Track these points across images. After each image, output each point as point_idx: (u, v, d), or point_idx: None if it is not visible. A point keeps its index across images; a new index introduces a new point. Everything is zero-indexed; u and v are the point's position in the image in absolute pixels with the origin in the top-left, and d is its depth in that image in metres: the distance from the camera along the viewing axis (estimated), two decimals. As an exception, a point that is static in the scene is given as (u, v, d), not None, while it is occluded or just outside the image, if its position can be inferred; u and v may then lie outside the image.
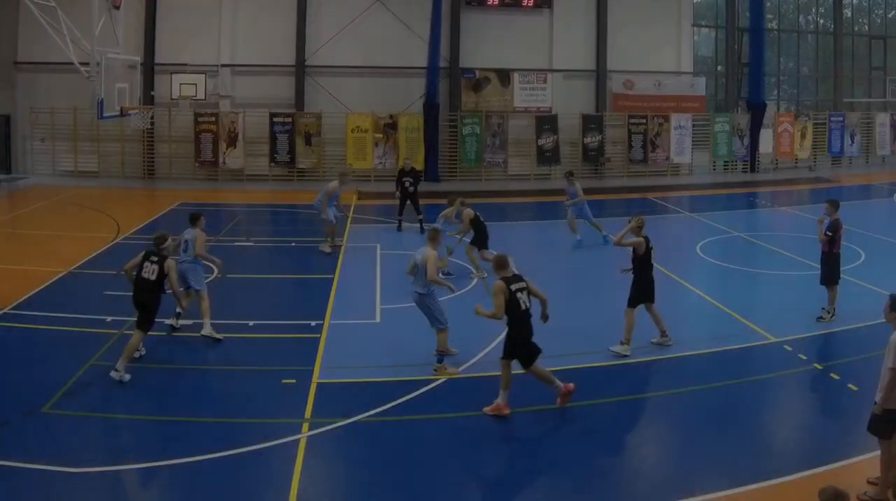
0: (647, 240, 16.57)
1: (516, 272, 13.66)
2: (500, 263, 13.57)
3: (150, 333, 15.69)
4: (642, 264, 16.65)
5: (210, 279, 19.81)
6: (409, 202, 28.69)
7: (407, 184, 28.73)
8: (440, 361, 15.42)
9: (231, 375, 15.47)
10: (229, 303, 19.03)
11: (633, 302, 16.61)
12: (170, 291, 15.70)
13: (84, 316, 18.29)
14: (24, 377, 14.99)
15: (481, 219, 22.35)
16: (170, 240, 16.01)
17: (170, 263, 15.37)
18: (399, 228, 28.88)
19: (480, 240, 22.26)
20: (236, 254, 24.21)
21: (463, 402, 13.94)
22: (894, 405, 10.06)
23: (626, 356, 16.15)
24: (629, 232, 16.65)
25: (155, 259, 15.43)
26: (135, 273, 15.47)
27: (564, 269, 23.91)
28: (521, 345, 13.21)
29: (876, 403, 10.26)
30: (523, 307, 13.16)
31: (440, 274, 16.59)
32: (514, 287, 13.09)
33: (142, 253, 15.75)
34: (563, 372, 14.65)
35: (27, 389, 14.28)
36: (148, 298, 15.45)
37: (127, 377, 14.64)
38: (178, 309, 17.27)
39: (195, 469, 11.54)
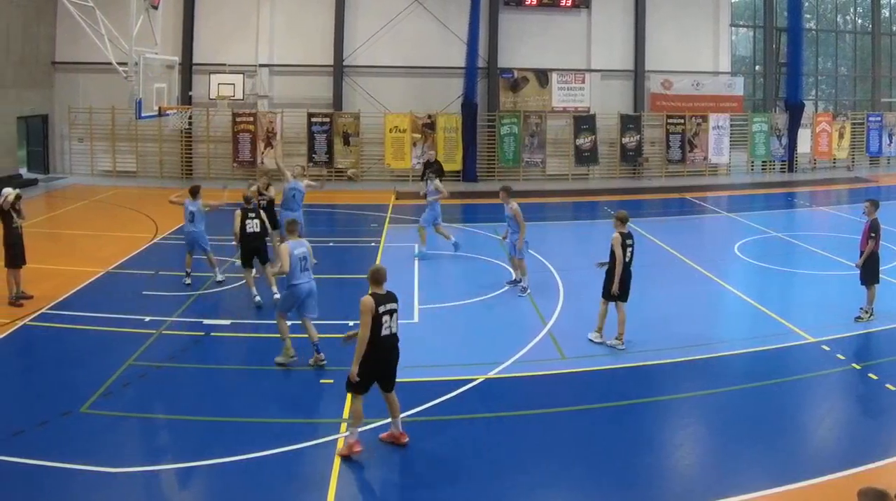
0: (626, 236, 16.43)
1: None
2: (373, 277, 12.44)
3: (188, 333, 16.88)
4: (612, 260, 16.52)
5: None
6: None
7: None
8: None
9: (269, 375, 15.40)
10: (267, 303, 19.01)
11: (605, 295, 16.61)
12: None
13: (122, 316, 18.27)
14: (61, 377, 15.00)
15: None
16: (256, 185, 19.05)
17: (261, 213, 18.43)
18: None
19: None
20: (273, 254, 24.00)
21: (500, 402, 13.92)
22: None
23: (621, 349, 16.25)
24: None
25: (253, 214, 19.14)
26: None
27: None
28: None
29: None
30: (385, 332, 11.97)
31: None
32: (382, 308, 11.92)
33: (238, 214, 19.10)
34: (601, 373, 15.13)
35: (65, 389, 14.31)
36: (260, 245, 19.34)
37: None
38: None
39: (233, 468, 11.54)
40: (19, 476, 11.17)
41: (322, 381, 14.90)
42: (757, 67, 48.24)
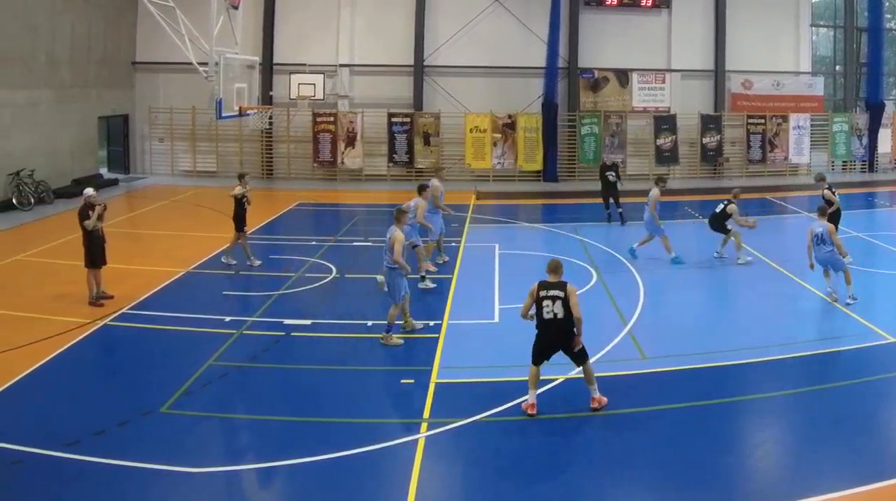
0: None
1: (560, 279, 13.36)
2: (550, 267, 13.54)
3: (269, 333, 17.16)
4: None
5: (328, 279, 21.27)
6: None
7: (610, 177, 30.24)
8: (388, 331, 16.45)
9: (349, 375, 15.35)
10: (348, 303, 19.08)
11: None
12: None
13: (202, 316, 18.31)
14: (142, 377, 15.02)
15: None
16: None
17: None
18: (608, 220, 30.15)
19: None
20: (355, 254, 24.25)
21: (580, 402, 13.75)
22: None
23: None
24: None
25: None
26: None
27: (688, 267, 23.57)
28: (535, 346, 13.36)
29: None
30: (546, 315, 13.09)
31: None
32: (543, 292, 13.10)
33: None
34: (681, 373, 15.09)
35: (146, 389, 14.30)
36: None
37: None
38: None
39: (314, 468, 11.48)
40: (100, 476, 11.14)
41: (403, 381, 14.86)
42: (837, 67, 47.97)
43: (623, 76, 42.79)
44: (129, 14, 41.16)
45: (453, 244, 26.07)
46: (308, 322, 18.00)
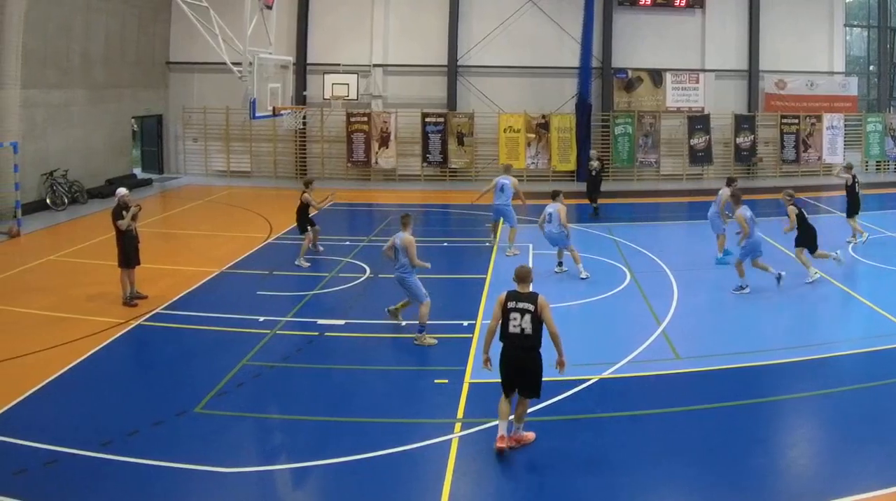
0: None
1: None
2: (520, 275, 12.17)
3: (303, 333, 17.30)
4: None
5: (361, 279, 21.23)
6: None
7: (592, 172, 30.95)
8: (420, 331, 16.49)
9: (383, 375, 15.38)
10: (382, 303, 18.86)
11: None
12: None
13: (236, 316, 18.33)
14: (176, 376, 15.07)
15: (806, 216, 21.90)
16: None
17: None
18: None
19: (807, 240, 21.82)
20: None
21: (614, 403, 13.80)
22: None
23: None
24: None
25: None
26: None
27: (722, 267, 23.37)
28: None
29: None
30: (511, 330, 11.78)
31: None
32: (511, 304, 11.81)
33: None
34: (715, 373, 15.06)
35: (180, 389, 14.35)
36: None
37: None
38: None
39: (347, 469, 11.47)
40: (134, 476, 11.15)
41: (437, 381, 14.82)
42: (871, 67, 47.53)
43: (657, 76, 42.56)
44: (163, 14, 41.42)
45: (487, 244, 26.07)
46: (342, 322, 18.05)
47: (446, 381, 14.72)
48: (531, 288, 12.09)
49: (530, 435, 12.22)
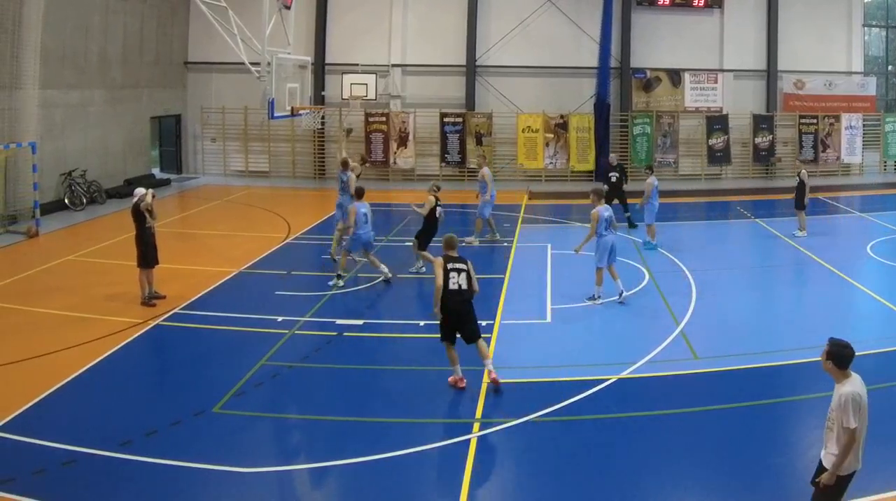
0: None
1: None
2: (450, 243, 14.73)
3: (321, 333, 17.35)
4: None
5: (380, 279, 21.24)
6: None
7: (613, 178, 29.98)
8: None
9: (402, 375, 15.38)
10: (399, 304, 19.11)
11: None
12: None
13: (254, 316, 18.37)
14: (194, 377, 15.12)
15: None
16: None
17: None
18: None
19: None
20: (406, 254, 23.98)
21: (632, 403, 13.81)
22: (848, 471, 8.88)
23: None
24: None
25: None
26: None
27: (740, 267, 23.46)
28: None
29: (821, 473, 8.96)
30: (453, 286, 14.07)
31: None
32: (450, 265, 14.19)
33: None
34: (733, 373, 15.08)
35: (198, 389, 14.40)
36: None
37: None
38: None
39: (366, 469, 11.48)
40: (153, 476, 11.17)
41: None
42: (889, 67, 47.26)
43: (675, 76, 42.40)
44: (182, 14, 41.58)
45: (505, 244, 26.11)
46: (360, 322, 18.10)
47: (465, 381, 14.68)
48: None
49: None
